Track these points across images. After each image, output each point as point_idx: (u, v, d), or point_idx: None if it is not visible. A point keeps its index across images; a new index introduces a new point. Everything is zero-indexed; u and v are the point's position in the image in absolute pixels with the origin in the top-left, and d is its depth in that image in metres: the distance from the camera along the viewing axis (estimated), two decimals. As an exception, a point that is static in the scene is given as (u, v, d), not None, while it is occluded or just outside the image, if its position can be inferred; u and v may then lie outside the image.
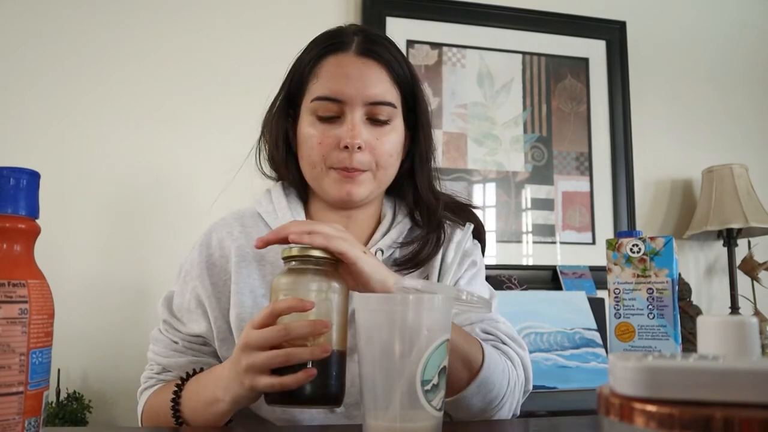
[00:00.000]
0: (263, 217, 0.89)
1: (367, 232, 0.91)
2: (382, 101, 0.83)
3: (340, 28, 0.88)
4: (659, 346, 0.68)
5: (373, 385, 0.54)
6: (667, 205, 2.25)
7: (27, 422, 0.45)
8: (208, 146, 1.86)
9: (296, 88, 0.87)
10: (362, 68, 0.82)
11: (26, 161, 0.63)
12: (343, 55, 0.83)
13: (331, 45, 0.84)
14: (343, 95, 0.81)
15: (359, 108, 0.82)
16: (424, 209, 0.90)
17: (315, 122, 0.83)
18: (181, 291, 0.88)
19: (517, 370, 0.81)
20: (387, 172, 0.86)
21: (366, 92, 0.81)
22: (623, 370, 0.29)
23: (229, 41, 1.93)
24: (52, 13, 1.84)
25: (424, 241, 0.88)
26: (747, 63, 2.38)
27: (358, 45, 0.84)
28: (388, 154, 0.84)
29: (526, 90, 2.15)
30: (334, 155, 0.81)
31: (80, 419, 1.55)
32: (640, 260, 0.70)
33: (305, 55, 0.88)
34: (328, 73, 0.83)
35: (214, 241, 0.88)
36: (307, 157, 0.84)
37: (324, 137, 0.82)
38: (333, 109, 0.82)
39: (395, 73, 0.85)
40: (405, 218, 0.92)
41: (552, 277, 2.04)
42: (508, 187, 2.09)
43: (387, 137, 0.84)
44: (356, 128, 0.81)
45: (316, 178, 0.85)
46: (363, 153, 0.81)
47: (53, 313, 0.49)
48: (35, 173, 0.49)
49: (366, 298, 0.57)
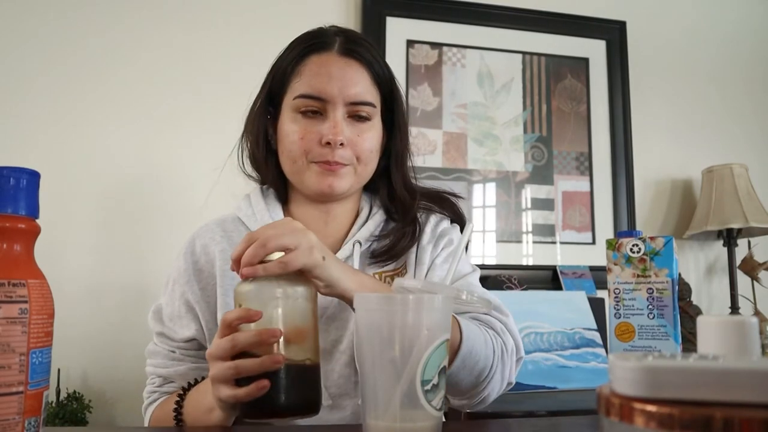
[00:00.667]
0: (243, 221, 0.91)
1: (345, 226, 0.92)
2: (363, 101, 0.85)
3: (322, 29, 0.90)
4: (659, 346, 0.68)
5: (373, 384, 0.54)
6: (667, 205, 2.25)
7: (27, 422, 0.45)
8: (208, 146, 1.86)
9: (278, 86, 0.88)
10: (344, 68, 0.84)
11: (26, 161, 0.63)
12: (326, 54, 0.85)
13: (314, 44, 0.86)
14: (325, 93, 0.83)
15: (341, 106, 0.83)
16: (399, 206, 0.92)
17: (297, 118, 0.85)
18: (170, 300, 0.89)
19: (503, 336, 0.81)
20: (367, 168, 0.88)
21: (348, 91, 0.83)
22: (623, 370, 0.29)
23: (228, 41, 1.93)
24: (53, 12, 1.84)
25: (400, 234, 0.89)
26: (747, 63, 2.38)
27: (341, 45, 0.86)
28: (368, 150, 0.86)
29: (526, 90, 2.15)
30: (316, 150, 0.83)
31: (80, 419, 1.55)
32: (640, 260, 0.70)
33: (287, 53, 0.89)
34: (311, 72, 0.84)
35: (198, 247, 0.89)
36: (288, 152, 0.85)
37: (306, 132, 0.83)
38: (315, 106, 0.83)
39: (375, 74, 0.87)
40: (380, 210, 0.93)
41: (552, 277, 2.04)
42: (508, 187, 2.09)
43: (367, 134, 0.86)
44: (338, 125, 0.82)
45: (297, 172, 0.86)
46: (345, 149, 0.83)
47: (53, 313, 0.49)
48: (35, 173, 0.49)
49: (366, 298, 0.57)
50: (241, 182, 0.98)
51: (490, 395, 0.81)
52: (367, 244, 0.90)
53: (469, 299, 0.60)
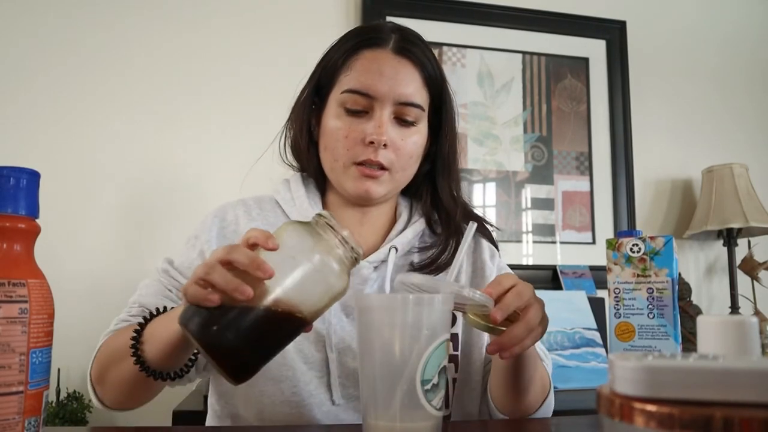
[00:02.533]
0: (281, 205, 0.90)
1: (380, 229, 0.91)
2: (411, 102, 0.82)
3: (378, 24, 0.88)
4: (659, 346, 0.68)
5: (373, 384, 0.54)
6: (667, 205, 2.25)
7: (27, 422, 0.45)
8: (208, 145, 1.86)
9: (326, 77, 0.86)
10: (397, 67, 0.82)
11: (26, 161, 0.63)
12: (379, 50, 0.83)
13: (368, 39, 0.84)
14: (374, 91, 0.80)
15: (388, 106, 0.81)
16: (444, 213, 0.90)
17: (342, 114, 0.83)
18: (186, 252, 0.86)
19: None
20: (405, 173, 0.86)
21: (398, 91, 0.81)
22: (623, 370, 0.29)
23: (228, 40, 1.93)
24: (53, 12, 1.84)
25: (444, 245, 0.88)
26: (747, 63, 2.37)
27: (396, 43, 0.83)
28: (408, 155, 0.84)
29: (526, 90, 2.15)
30: (359, 149, 0.81)
31: (80, 419, 1.55)
32: (640, 260, 0.70)
33: (339, 45, 0.86)
34: (362, 67, 0.82)
35: (230, 215, 0.88)
36: (332, 149, 0.83)
37: (350, 131, 0.81)
38: (362, 103, 0.81)
39: (428, 75, 0.85)
40: (420, 219, 0.91)
41: (552, 276, 2.04)
42: (508, 187, 2.09)
43: (411, 138, 0.84)
44: (384, 125, 0.80)
45: (336, 172, 0.84)
46: (387, 150, 0.81)
47: (53, 313, 0.49)
48: (35, 173, 0.49)
49: (366, 297, 0.57)
50: (266, 173, 0.97)
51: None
52: (407, 255, 0.88)
53: (471, 296, 0.60)
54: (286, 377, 0.80)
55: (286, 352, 0.79)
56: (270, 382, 0.80)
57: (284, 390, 0.79)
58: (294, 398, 0.80)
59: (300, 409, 0.79)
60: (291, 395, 0.80)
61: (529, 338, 0.64)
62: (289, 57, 1.90)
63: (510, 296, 0.63)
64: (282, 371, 0.80)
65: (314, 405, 0.80)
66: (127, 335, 0.71)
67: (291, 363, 0.80)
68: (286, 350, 0.79)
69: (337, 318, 0.83)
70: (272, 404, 0.80)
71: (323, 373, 0.81)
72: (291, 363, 0.80)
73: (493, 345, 0.63)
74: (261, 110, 1.84)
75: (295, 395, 0.80)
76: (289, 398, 0.80)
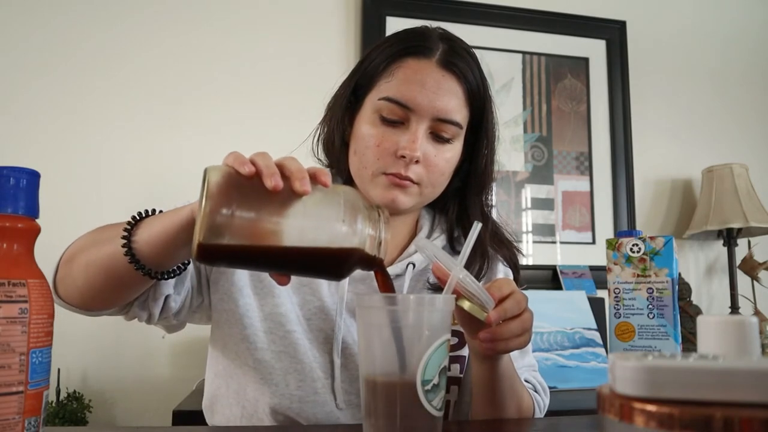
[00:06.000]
0: None
1: (401, 242, 0.89)
2: (450, 119, 0.79)
3: (427, 30, 0.84)
4: (659, 346, 0.68)
5: (373, 384, 0.54)
6: (667, 205, 2.25)
7: (27, 422, 0.45)
8: (208, 145, 1.86)
9: (366, 80, 0.83)
10: (440, 80, 0.79)
11: (26, 161, 0.63)
12: (424, 61, 0.79)
13: (414, 47, 0.80)
14: (414, 103, 0.77)
15: (426, 120, 0.78)
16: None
17: (377, 121, 0.80)
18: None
19: (541, 414, 0.86)
20: (434, 190, 0.83)
21: (437, 106, 0.78)
22: (623, 370, 0.29)
23: (228, 40, 1.93)
24: (53, 12, 1.84)
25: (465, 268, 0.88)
26: (747, 63, 2.38)
27: (442, 54, 0.80)
28: (440, 172, 0.81)
29: (526, 90, 2.15)
30: (389, 161, 0.78)
31: (80, 419, 1.55)
32: (640, 260, 0.70)
33: (383, 48, 0.83)
34: (404, 76, 0.79)
35: None
36: (361, 155, 0.81)
37: (383, 140, 0.79)
38: (399, 113, 0.78)
39: (470, 91, 0.81)
40: (442, 235, 0.90)
41: (552, 276, 2.04)
42: (508, 187, 2.09)
43: (445, 155, 0.81)
44: (418, 140, 0.77)
45: (363, 179, 0.82)
46: (418, 166, 0.79)
47: (53, 313, 0.49)
48: (35, 173, 0.49)
49: (366, 297, 0.57)
50: None
51: None
52: (421, 268, 0.86)
53: (478, 293, 0.60)
54: (295, 369, 0.80)
55: (298, 346, 0.80)
56: (278, 372, 0.80)
57: (289, 383, 0.80)
58: (298, 392, 0.80)
59: (302, 405, 0.80)
60: (296, 389, 0.80)
61: (515, 341, 0.65)
62: (289, 57, 1.90)
63: (509, 302, 0.63)
64: (292, 364, 0.80)
65: (317, 404, 0.80)
66: (114, 227, 0.68)
67: (302, 357, 0.80)
68: (298, 345, 0.80)
69: (347, 323, 0.82)
70: (279, 395, 0.79)
71: (328, 376, 0.81)
72: (302, 357, 0.80)
73: (487, 332, 0.63)
74: (261, 109, 1.84)
75: (300, 389, 0.80)
76: (293, 392, 0.80)
